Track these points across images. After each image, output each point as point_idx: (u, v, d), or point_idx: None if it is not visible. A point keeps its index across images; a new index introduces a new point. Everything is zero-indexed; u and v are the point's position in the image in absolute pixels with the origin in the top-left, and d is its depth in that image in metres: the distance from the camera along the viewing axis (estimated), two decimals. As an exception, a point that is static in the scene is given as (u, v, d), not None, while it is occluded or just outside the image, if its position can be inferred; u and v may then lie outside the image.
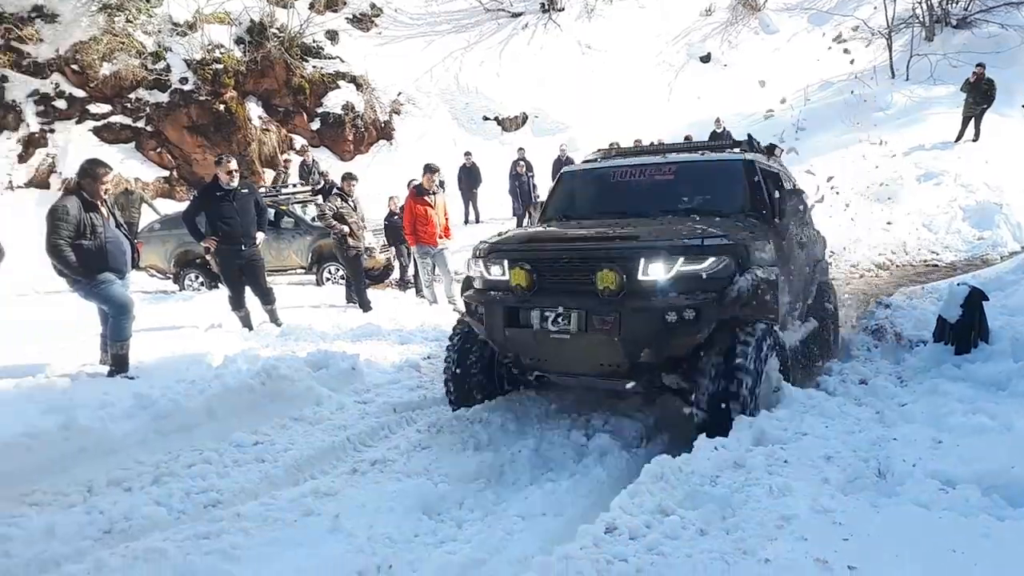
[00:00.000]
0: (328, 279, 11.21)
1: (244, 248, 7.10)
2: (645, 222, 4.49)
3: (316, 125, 20.38)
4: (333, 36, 22.01)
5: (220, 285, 8.56)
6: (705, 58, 23.23)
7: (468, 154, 16.33)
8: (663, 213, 4.66)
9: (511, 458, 4.10)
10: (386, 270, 11.92)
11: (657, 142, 12.19)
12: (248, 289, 7.33)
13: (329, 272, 11.20)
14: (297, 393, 5.08)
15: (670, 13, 24.52)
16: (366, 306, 8.79)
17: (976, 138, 14.18)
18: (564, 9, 24.97)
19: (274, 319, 7.51)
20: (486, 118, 21.89)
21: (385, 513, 3.41)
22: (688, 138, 15.12)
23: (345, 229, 8.74)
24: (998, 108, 14.32)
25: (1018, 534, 2.42)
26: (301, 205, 11.77)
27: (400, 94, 21.72)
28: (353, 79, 20.95)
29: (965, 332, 4.99)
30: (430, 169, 8.85)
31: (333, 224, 8.73)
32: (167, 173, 18.64)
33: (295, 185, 13.82)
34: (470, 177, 16.00)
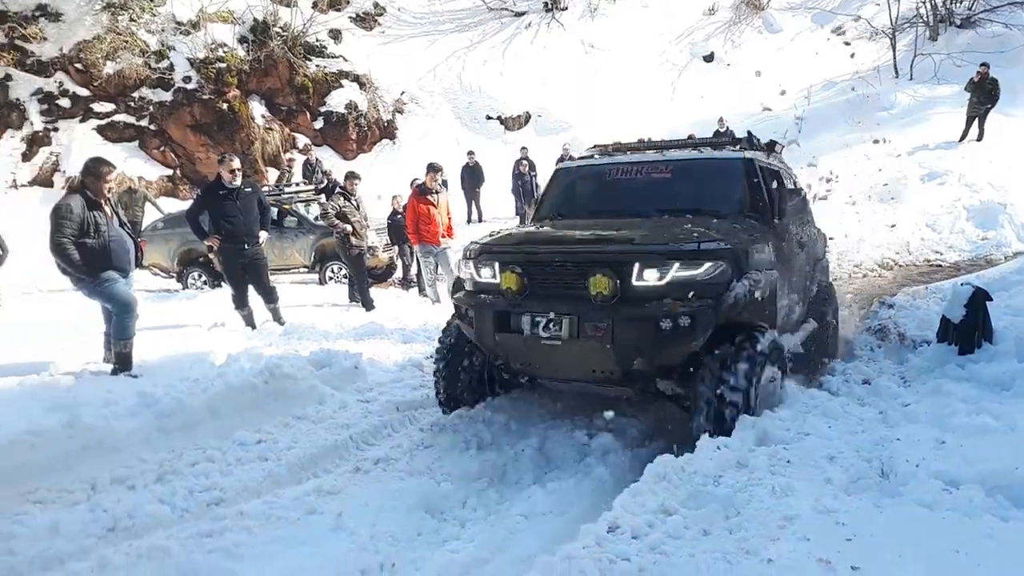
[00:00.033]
0: (331, 278, 11.22)
1: (247, 247, 7.10)
2: (640, 223, 4.35)
3: (319, 124, 20.39)
4: (336, 35, 22.00)
5: (223, 284, 8.57)
6: (708, 57, 23.18)
7: (471, 153, 16.33)
8: (660, 213, 4.53)
9: (514, 457, 4.11)
10: (389, 269, 11.92)
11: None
12: (251, 288, 7.33)
13: (332, 271, 11.21)
14: (300, 392, 5.08)
15: (673, 12, 24.48)
16: (369, 305, 8.81)
17: (980, 138, 14.14)
18: (567, 8, 24.93)
19: (277, 318, 7.52)
20: (489, 117, 21.87)
21: (388, 512, 3.42)
22: (691, 137, 15.05)
23: (348, 228, 8.76)
24: (1002, 108, 14.27)
25: (1022, 535, 2.41)
26: (304, 204, 11.78)
27: (403, 93, 21.71)
28: (356, 78, 20.95)
29: (969, 332, 4.98)
30: (433, 168, 8.84)
31: (336, 223, 8.75)
32: (170, 172, 18.65)
33: (298, 184, 13.85)
34: (473, 176, 16.01)
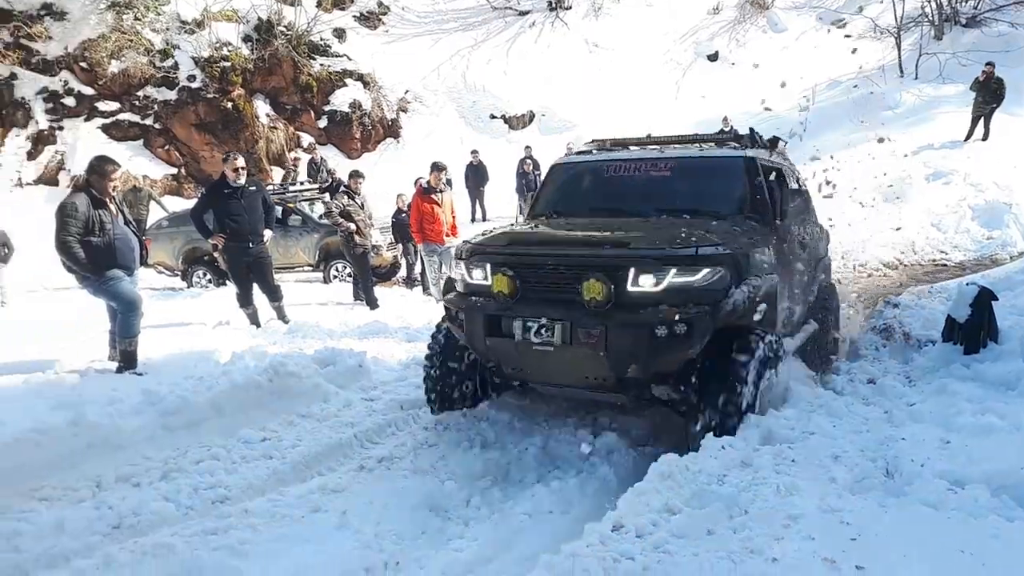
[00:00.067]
0: (335, 277, 11.23)
1: (252, 245, 7.12)
2: (637, 224, 4.22)
3: (323, 123, 20.44)
4: (340, 34, 22.04)
5: (228, 282, 8.59)
6: (713, 57, 23.14)
7: (475, 152, 16.32)
8: (658, 212, 4.40)
9: (518, 456, 4.10)
10: (393, 268, 11.93)
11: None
12: (256, 286, 7.35)
13: (336, 270, 11.23)
14: (304, 390, 5.09)
15: (678, 11, 24.45)
16: (373, 304, 8.81)
17: (985, 137, 14.08)
18: (571, 7, 24.92)
19: (281, 316, 7.53)
20: (493, 116, 21.88)
21: (392, 510, 3.42)
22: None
23: (352, 227, 8.76)
24: (1008, 107, 14.21)
25: (1027, 535, 2.41)
26: (308, 203, 11.80)
27: (407, 92, 21.73)
28: (360, 77, 20.99)
29: (974, 332, 4.96)
30: (437, 167, 8.84)
31: (340, 222, 8.76)
32: (175, 170, 18.73)
33: (303, 183, 13.87)
34: (477, 175, 16.00)
